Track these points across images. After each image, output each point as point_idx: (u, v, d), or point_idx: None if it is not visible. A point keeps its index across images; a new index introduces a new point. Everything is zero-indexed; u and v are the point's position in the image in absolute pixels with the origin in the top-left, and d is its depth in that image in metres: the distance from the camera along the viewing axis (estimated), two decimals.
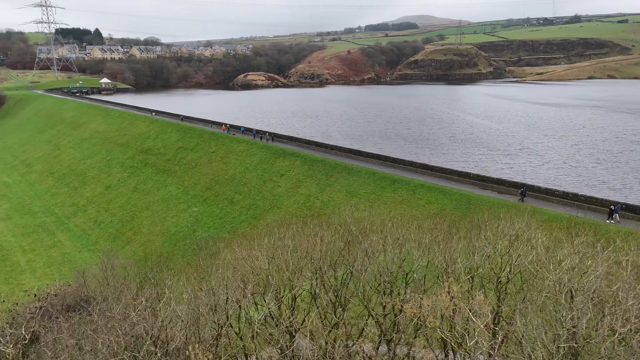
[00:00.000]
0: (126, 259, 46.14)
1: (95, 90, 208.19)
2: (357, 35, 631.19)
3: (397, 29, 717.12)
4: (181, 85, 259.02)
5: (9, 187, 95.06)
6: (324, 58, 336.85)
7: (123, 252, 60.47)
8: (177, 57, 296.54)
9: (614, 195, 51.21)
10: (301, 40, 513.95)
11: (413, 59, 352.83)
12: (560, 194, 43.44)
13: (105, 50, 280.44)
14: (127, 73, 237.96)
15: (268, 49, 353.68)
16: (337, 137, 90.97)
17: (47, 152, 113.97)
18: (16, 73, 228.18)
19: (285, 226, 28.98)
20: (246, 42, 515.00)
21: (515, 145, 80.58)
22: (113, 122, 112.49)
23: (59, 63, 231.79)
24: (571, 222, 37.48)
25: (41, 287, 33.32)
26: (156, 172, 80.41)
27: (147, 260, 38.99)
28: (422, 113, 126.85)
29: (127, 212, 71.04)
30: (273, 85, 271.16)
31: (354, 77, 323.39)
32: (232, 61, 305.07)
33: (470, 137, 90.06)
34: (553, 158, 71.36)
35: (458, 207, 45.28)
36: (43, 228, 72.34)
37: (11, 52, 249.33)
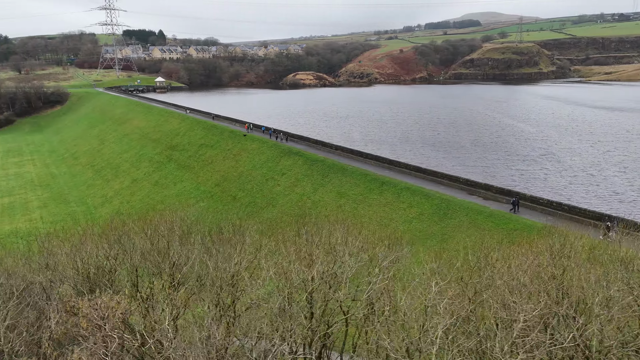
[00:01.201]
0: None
1: (151, 89, 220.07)
2: (416, 34, 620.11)
3: (459, 27, 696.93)
4: (232, 84, 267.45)
5: (54, 178, 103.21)
6: (375, 57, 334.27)
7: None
8: (230, 57, 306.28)
9: (617, 209, 47.59)
10: (357, 40, 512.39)
11: (469, 58, 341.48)
12: (545, 203, 41.06)
13: (165, 51, 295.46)
14: (181, 72, 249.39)
15: (321, 49, 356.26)
16: (357, 138, 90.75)
17: (93, 146, 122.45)
18: (82, 72, 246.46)
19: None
20: (302, 41, 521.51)
21: (540, 151, 76.40)
22: (152, 119, 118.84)
23: (121, 63, 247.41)
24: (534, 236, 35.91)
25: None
26: (177, 167, 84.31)
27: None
28: (457, 114, 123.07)
29: (144, 205, 75.11)
30: (320, 85, 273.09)
31: (404, 76, 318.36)
32: (283, 60, 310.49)
33: (496, 140, 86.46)
34: (574, 165, 67.07)
35: (436, 212, 44.16)
36: (71, 217, 78.14)
37: (80, 52, 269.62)
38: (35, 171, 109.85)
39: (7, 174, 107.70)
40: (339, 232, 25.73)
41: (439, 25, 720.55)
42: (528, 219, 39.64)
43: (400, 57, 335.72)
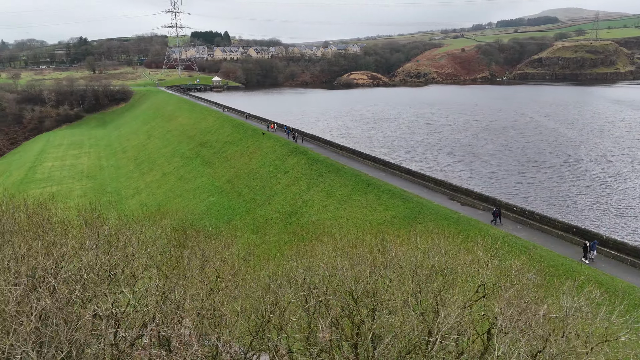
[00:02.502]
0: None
1: (208, 88, 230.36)
2: (486, 32, 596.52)
3: (534, 24, 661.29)
4: (287, 84, 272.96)
5: (101, 170, 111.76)
6: (434, 56, 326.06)
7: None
8: (288, 57, 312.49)
9: (614, 225, 43.86)
10: (422, 39, 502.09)
11: (537, 57, 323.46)
12: (536, 218, 38.20)
13: (226, 51, 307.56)
14: (239, 72, 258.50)
15: (380, 48, 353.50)
16: (378, 139, 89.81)
17: (141, 141, 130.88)
18: (149, 72, 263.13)
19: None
20: (366, 41, 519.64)
21: (565, 157, 71.51)
22: (193, 116, 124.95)
23: (183, 63, 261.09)
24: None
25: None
26: (202, 163, 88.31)
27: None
28: (497, 117, 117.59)
29: (165, 198, 79.60)
30: (374, 85, 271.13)
31: (465, 76, 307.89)
32: (340, 60, 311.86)
33: (523, 145, 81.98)
34: (595, 173, 62.24)
35: (408, 216, 43.36)
36: (104, 206, 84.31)
37: (149, 53, 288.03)
38: (87, 163, 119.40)
39: (64, 165, 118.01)
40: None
41: (512, 22, 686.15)
42: (496, 229, 37.90)
43: (461, 56, 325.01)
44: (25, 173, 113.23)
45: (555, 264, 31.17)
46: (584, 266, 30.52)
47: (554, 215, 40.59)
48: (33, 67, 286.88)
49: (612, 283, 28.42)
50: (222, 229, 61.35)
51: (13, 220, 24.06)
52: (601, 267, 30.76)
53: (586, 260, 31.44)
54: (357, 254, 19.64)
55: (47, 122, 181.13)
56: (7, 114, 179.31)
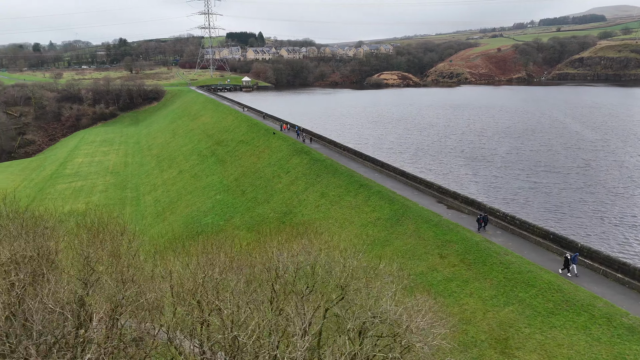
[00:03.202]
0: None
1: (238, 88, 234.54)
2: (527, 31, 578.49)
3: (579, 22, 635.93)
4: (317, 84, 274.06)
5: (126, 166, 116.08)
6: (468, 56, 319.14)
7: (154, 229, 71.04)
8: (319, 57, 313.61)
9: (607, 234, 42.00)
10: (459, 38, 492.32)
11: (577, 57, 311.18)
12: (516, 223, 37.06)
13: (258, 52, 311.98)
14: (269, 72, 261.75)
15: (413, 48, 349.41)
16: (389, 141, 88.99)
17: (166, 139, 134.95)
18: (183, 72, 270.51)
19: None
20: (398, 41, 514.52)
21: (579, 162, 68.81)
22: (215, 115, 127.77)
23: (216, 63, 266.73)
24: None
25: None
26: (216, 161, 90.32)
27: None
28: (520, 120, 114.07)
29: (177, 195, 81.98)
30: (404, 85, 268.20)
31: (500, 77, 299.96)
32: (371, 60, 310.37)
33: (539, 149, 79.39)
34: (607, 179, 59.58)
35: (391, 218, 43.15)
36: (121, 201, 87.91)
37: (184, 53, 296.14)
38: (114, 160, 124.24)
39: (92, 161, 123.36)
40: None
41: (556, 21, 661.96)
42: (472, 233, 37.24)
43: (496, 56, 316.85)
44: (56, 168, 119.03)
45: (520, 271, 30.41)
46: (546, 275, 29.62)
47: (539, 222, 39.52)
48: (75, 67, 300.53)
49: (574, 293, 27.52)
50: (223, 227, 62.95)
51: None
52: (575, 280, 29.70)
53: (568, 273, 29.48)
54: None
55: (83, 119, 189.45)
56: (47, 111, 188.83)
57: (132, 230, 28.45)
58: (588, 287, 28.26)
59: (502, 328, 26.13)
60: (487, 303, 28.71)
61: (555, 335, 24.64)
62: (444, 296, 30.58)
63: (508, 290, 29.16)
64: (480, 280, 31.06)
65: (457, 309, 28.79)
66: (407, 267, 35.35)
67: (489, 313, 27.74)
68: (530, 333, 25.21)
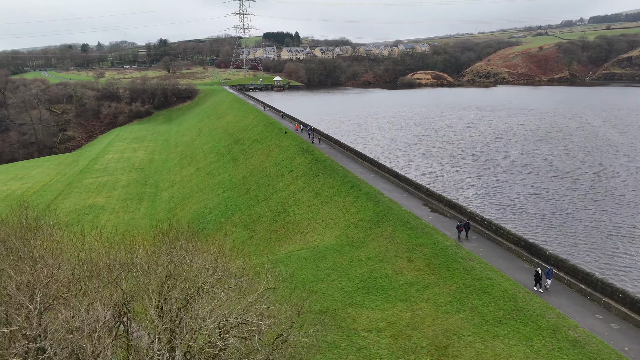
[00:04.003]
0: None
1: (269, 87, 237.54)
2: (575, 29, 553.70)
3: (633, 19, 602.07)
4: (349, 84, 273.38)
5: (151, 163, 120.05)
6: (507, 56, 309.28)
7: (162, 225, 73.16)
8: (353, 57, 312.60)
9: (595, 249, 39.85)
10: (501, 37, 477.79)
11: (626, 56, 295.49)
12: (492, 228, 35.80)
13: (292, 52, 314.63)
14: (301, 72, 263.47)
15: (450, 47, 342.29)
16: (402, 142, 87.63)
17: (192, 137, 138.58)
18: (217, 71, 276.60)
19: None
20: (438, 40, 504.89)
21: (595, 167, 65.48)
22: (238, 115, 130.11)
23: (249, 63, 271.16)
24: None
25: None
26: (230, 159, 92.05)
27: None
28: (548, 121, 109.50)
29: (189, 191, 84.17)
30: (437, 85, 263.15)
31: (540, 76, 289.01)
32: (406, 60, 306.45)
33: (557, 152, 76.12)
34: (618, 186, 56.41)
35: (373, 219, 42.84)
36: (139, 196, 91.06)
37: (220, 53, 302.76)
38: (142, 156, 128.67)
39: (121, 158, 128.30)
40: None
41: (607, 18, 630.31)
42: (445, 237, 36.43)
43: (537, 55, 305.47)
44: (87, 163, 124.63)
45: (481, 278, 29.56)
46: (505, 283, 28.64)
47: (526, 229, 38.12)
48: (118, 67, 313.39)
49: (527, 303, 26.49)
50: (223, 224, 64.18)
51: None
52: (543, 295, 28.51)
53: (540, 289, 27.66)
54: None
55: (120, 117, 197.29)
56: (87, 109, 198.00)
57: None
58: (546, 297, 27.17)
59: (446, 335, 25.53)
60: (439, 309, 28.10)
61: (495, 345, 23.87)
62: (401, 300, 30.18)
63: (464, 297, 28.44)
64: (440, 285, 30.43)
65: (409, 314, 28.36)
66: (376, 269, 35.12)
67: (438, 319, 27.15)
68: (471, 342, 24.52)
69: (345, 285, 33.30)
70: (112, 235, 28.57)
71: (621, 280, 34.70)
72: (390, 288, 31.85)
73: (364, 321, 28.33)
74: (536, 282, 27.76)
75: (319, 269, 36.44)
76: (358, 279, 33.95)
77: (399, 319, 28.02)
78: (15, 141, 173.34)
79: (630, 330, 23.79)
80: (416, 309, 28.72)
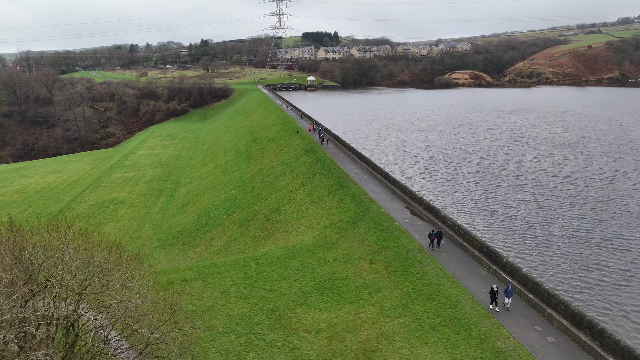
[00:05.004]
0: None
1: (302, 87, 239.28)
2: (632, 26, 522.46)
3: None
4: (384, 84, 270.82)
5: (177, 160, 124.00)
6: (553, 55, 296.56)
7: (173, 220, 75.79)
8: (390, 56, 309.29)
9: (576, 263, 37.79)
10: (551, 35, 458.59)
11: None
12: (461, 233, 34.87)
13: (328, 51, 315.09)
14: (336, 71, 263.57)
15: (492, 46, 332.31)
16: (414, 144, 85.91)
17: (219, 135, 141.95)
18: (254, 71, 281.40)
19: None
20: (484, 39, 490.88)
21: (609, 173, 61.78)
22: (263, 114, 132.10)
23: (285, 62, 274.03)
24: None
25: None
26: (245, 158, 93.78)
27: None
28: (577, 125, 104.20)
29: (203, 188, 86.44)
30: (475, 85, 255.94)
31: (588, 76, 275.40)
32: (445, 59, 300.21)
33: (574, 158, 72.37)
34: (628, 194, 53.07)
35: (350, 221, 42.79)
36: (159, 192, 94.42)
37: (258, 53, 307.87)
38: (169, 153, 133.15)
39: (151, 154, 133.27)
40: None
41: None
42: (411, 240, 35.89)
43: (585, 54, 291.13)
44: (119, 159, 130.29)
45: (430, 283, 29.04)
46: (452, 289, 27.95)
47: (500, 236, 36.86)
48: (160, 66, 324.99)
49: (467, 311, 25.79)
50: (224, 221, 65.58)
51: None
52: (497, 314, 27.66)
53: (496, 308, 25.69)
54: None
55: (158, 115, 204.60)
56: (127, 107, 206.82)
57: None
58: (491, 307, 26.33)
59: (378, 340, 25.30)
60: (382, 313, 27.84)
61: (421, 352, 23.45)
62: (350, 302, 30.10)
63: (409, 302, 28.05)
64: (391, 289, 30.11)
65: (352, 317, 28.26)
66: (338, 271, 35.11)
67: (378, 323, 26.92)
68: (399, 347, 24.20)
69: (304, 286, 33.49)
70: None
71: (589, 294, 32.96)
72: (345, 290, 31.78)
73: (307, 322, 28.46)
74: (492, 300, 25.78)
75: (286, 269, 36.77)
76: (319, 280, 34.05)
77: (341, 321, 27.97)
78: (60, 137, 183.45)
79: (565, 345, 22.75)
80: (361, 312, 28.56)
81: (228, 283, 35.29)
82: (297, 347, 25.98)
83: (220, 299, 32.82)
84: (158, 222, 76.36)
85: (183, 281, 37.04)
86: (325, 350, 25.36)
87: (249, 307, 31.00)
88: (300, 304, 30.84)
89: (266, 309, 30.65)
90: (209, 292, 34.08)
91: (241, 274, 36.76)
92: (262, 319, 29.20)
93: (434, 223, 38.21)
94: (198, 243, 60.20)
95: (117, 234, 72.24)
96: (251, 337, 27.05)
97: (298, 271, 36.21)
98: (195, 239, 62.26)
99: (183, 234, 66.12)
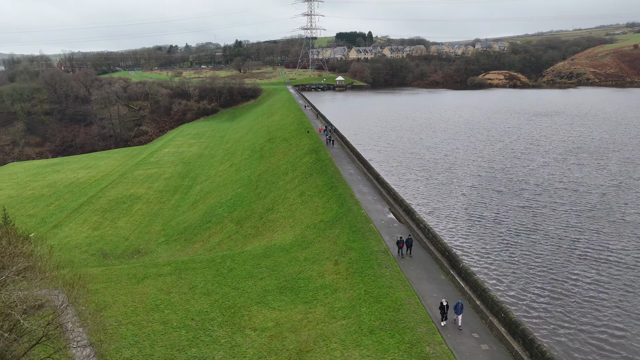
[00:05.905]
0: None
1: (331, 87, 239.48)
2: None
3: None
4: (415, 84, 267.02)
5: (199, 157, 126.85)
6: (596, 55, 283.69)
7: (182, 216, 77.74)
8: (423, 56, 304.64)
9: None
10: (598, 34, 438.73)
11: None
12: (429, 236, 34.30)
13: (360, 51, 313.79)
14: (366, 71, 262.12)
15: (532, 46, 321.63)
16: (420, 146, 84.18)
17: (242, 134, 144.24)
18: (285, 71, 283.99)
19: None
20: (528, 38, 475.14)
21: (617, 180, 58.48)
22: (283, 113, 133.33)
23: (315, 63, 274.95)
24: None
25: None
26: (258, 157, 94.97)
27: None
28: (602, 129, 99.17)
29: (215, 186, 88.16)
30: (510, 86, 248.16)
31: (633, 77, 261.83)
32: (481, 59, 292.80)
33: (587, 164, 69.03)
34: (632, 202, 50.19)
35: (330, 221, 42.91)
36: (175, 189, 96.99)
37: (290, 54, 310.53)
38: (193, 151, 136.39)
39: (176, 152, 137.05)
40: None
41: None
42: (377, 243, 35.51)
43: (631, 54, 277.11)
44: (145, 156, 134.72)
45: (382, 285, 28.74)
46: (401, 293, 27.51)
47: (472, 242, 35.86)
48: (195, 67, 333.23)
49: (409, 315, 25.34)
50: (224, 218, 66.72)
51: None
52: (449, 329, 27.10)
53: (443, 322, 24.21)
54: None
55: (188, 114, 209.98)
56: (160, 106, 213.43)
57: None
58: (433, 311, 25.82)
59: (316, 341, 25.28)
60: (330, 314, 27.78)
61: (351, 354, 23.29)
62: (304, 302, 30.17)
63: (357, 304, 27.87)
64: (346, 290, 30.00)
65: (300, 316, 28.34)
66: (304, 270, 35.19)
67: (322, 324, 26.89)
68: (332, 349, 24.11)
69: (267, 284, 33.80)
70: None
71: (552, 306, 31.54)
72: (304, 290, 31.87)
73: (257, 320, 28.76)
74: (443, 317, 24.36)
75: (257, 267, 37.21)
76: (283, 279, 34.28)
77: (288, 320, 28.11)
78: (96, 134, 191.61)
79: (498, 354, 22.05)
80: (310, 312, 28.59)
81: (198, 279, 36.07)
82: (238, 344, 26.32)
83: (186, 294, 33.60)
84: (168, 218, 78.46)
85: (159, 276, 38.17)
86: (264, 348, 25.57)
87: (209, 304, 31.61)
88: (257, 302, 31.15)
89: (224, 306, 31.16)
90: (178, 287, 34.94)
91: (213, 271, 37.46)
92: (217, 316, 29.73)
93: (409, 226, 37.66)
94: (198, 239, 61.56)
95: (128, 229, 74.90)
96: (199, 333, 27.61)
97: (267, 270, 36.55)
98: (196, 235, 63.69)
99: (187, 231, 67.73)
